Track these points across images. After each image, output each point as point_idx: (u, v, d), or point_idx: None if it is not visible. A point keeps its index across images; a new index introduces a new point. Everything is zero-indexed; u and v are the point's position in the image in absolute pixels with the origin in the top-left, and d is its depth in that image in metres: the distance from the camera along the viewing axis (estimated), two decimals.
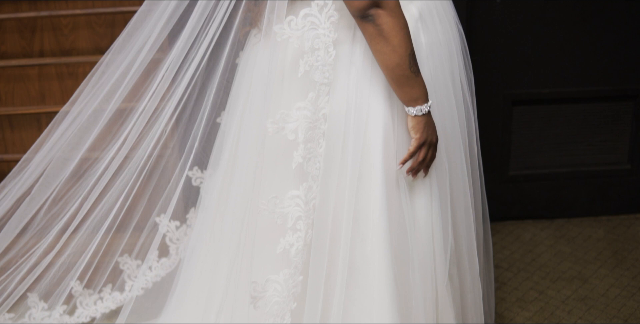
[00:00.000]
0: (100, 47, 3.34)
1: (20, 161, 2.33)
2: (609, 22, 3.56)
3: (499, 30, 3.54)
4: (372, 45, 2.06)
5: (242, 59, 2.30)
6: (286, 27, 2.04)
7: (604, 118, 3.73)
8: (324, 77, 2.07)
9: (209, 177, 2.41)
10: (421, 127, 2.16)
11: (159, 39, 2.20)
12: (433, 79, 2.28)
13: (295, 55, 2.09)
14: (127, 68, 2.22)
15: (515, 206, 3.82)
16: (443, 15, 2.34)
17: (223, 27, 2.14)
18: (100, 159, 2.30)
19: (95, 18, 3.31)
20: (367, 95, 2.15)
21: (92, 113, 2.25)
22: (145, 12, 2.23)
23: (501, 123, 3.67)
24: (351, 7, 2.01)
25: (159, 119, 2.24)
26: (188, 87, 2.19)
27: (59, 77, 3.38)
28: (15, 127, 3.44)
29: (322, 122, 2.13)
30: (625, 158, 3.81)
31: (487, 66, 3.52)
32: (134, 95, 2.23)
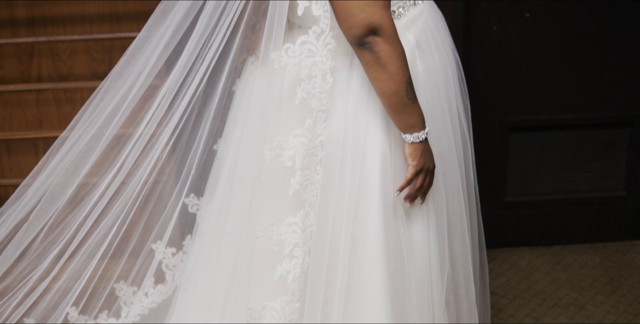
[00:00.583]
0: (98, 73, 3.35)
1: (20, 186, 2.33)
2: (604, 49, 3.58)
3: (495, 57, 3.56)
4: (369, 73, 2.07)
5: (240, 86, 2.30)
6: (283, 54, 2.04)
7: (600, 145, 3.74)
8: (321, 104, 2.07)
9: (206, 204, 2.41)
10: (418, 154, 2.16)
11: (157, 65, 2.20)
12: (430, 106, 2.29)
13: (293, 83, 2.09)
14: (125, 94, 2.22)
15: (511, 232, 3.82)
16: (439, 42, 2.35)
17: (220, 55, 2.14)
18: (98, 184, 2.30)
19: (93, 44, 3.33)
20: (364, 122, 2.15)
21: (91, 139, 2.25)
22: (144, 39, 2.23)
23: (497, 150, 3.67)
24: (348, 35, 2.02)
25: (155, 145, 2.24)
26: (184, 114, 2.19)
27: (57, 103, 3.39)
28: (13, 152, 3.45)
29: (319, 149, 2.13)
30: (621, 185, 3.81)
31: (483, 93, 3.53)
32: (132, 121, 2.24)
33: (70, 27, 3.33)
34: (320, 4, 2.01)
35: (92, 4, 3.30)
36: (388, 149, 2.18)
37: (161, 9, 2.21)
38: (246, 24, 2.13)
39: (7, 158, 3.46)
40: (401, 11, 2.27)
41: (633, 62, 3.61)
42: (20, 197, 2.33)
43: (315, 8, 2.01)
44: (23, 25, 3.34)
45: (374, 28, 1.99)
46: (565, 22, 3.52)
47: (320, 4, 2.01)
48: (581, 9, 3.51)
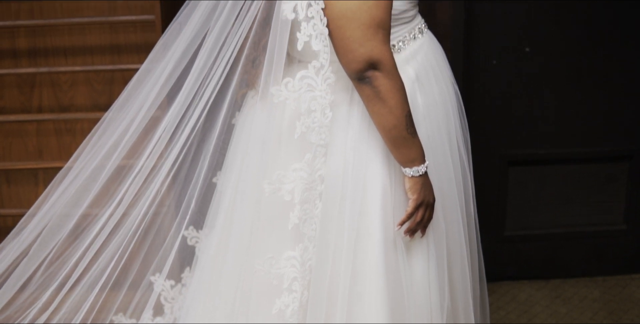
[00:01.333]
0: (98, 104, 3.36)
1: (24, 216, 2.33)
2: (603, 84, 3.59)
3: (495, 91, 3.57)
4: (369, 107, 2.08)
5: (240, 120, 2.31)
6: (283, 89, 2.05)
7: (599, 179, 3.74)
8: (320, 139, 2.08)
9: (205, 236, 2.40)
10: (418, 187, 2.17)
11: (159, 98, 2.21)
12: (430, 139, 2.29)
13: (293, 117, 2.09)
14: (128, 126, 2.22)
15: (511, 266, 3.81)
16: (439, 75, 2.36)
17: (220, 89, 2.14)
18: (99, 216, 2.30)
19: (94, 75, 3.34)
20: (365, 156, 2.16)
21: (93, 170, 2.26)
22: (146, 71, 2.25)
23: (497, 183, 3.68)
24: (348, 69, 2.03)
25: (156, 177, 2.24)
26: (184, 147, 2.19)
27: (57, 133, 3.40)
28: (12, 183, 3.45)
29: (318, 183, 2.13)
30: (620, 218, 3.81)
31: (483, 126, 3.54)
32: (133, 152, 2.24)
33: (72, 58, 3.35)
34: (320, 39, 2.01)
35: (93, 36, 3.32)
36: (389, 183, 2.18)
37: (162, 43, 2.22)
38: (246, 58, 2.14)
39: (6, 188, 3.46)
40: (401, 45, 2.29)
41: (632, 97, 3.62)
42: (23, 227, 2.33)
43: (315, 43, 2.01)
44: (25, 55, 3.35)
45: (373, 63, 2.00)
46: (565, 57, 3.54)
47: (320, 39, 2.01)
48: (580, 43, 3.53)
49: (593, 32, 3.52)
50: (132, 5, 3.28)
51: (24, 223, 2.33)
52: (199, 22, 2.16)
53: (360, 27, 1.98)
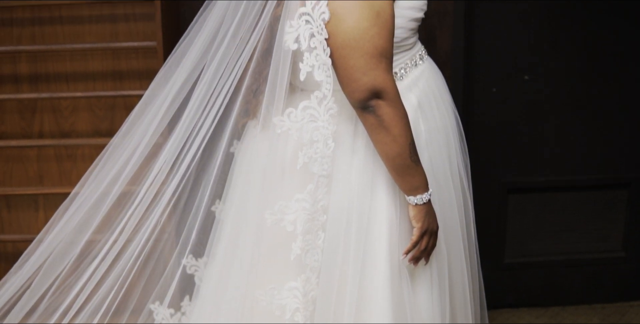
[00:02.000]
0: (100, 130, 3.36)
1: (33, 242, 2.32)
2: (603, 112, 3.60)
3: (495, 119, 3.58)
4: (372, 135, 2.08)
5: (241, 150, 2.31)
6: (286, 119, 2.05)
7: (598, 206, 3.75)
8: (322, 169, 2.08)
9: (204, 265, 2.40)
10: (422, 215, 2.17)
11: (161, 125, 2.21)
12: (432, 165, 2.31)
13: (295, 147, 2.09)
14: (132, 152, 2.23)
15: (511, 294, 3.81)
16: (440, 101, 2.38)
17: (220, 118, 2.14)
18: (101, 243, 2.29)
19: (95, 101, 3.35)
20: (369, 186, 2.16)
21: (99, 196, 2.26)
22: (150, 98, 2.25)
23: (496, 211, 3.68)
24: (352, 99, 2.04)
25: (157, 205, 2.24)
26: (185, 176, 2.19)
27: (58, 159, 3.40)
28: (13, 208, 3.45)
29: (320, 214, 2.13)
30: (619, 246, 3.81)
31: (482, 154, 3.55)
32: (137, 179, 2.24)
33: (73, 83, 3.35)
34: (323, 69, 2.02)
35: (95, 62, 3.33)
36: (394, 213, 2.19)
37: (164, 72, 2.23)
38: (247, 88, 2.15)
39: (7, 213, 3.46)
40: (403, 73, 2.30)
41: (630, 125, 3.63)
42: (30, 254, 2.32)
43: (318, 73, 2.02)
44: (26, 81, 3.36)
45: (377, 92, 2.01)
46: (564, 85, 3.55)
47: (323, 69, 2.02)
48: (580, 71, 3.54)
49: (592, 60, 3.54)
50: (133, 31, 3.29)
51: (31, 250, 2.32)
52: (200, 51, 2.17)
53: (364, 56, 1.99)
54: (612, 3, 3.47)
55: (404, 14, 2.20)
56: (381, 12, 2.00)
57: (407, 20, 2.22)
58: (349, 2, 1.98)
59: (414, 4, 2.22)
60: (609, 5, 3.48)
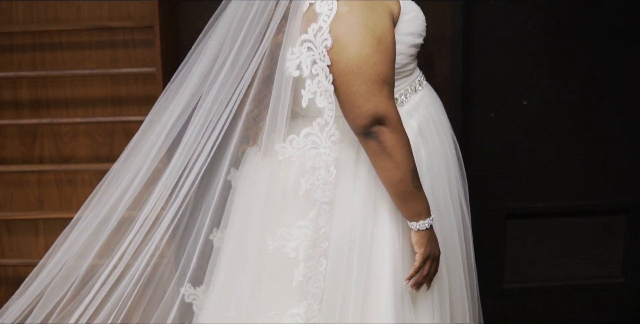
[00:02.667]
0: (99, 156, 3.37)
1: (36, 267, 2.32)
2: (601, 137, 3.60)
3: (493, 144, 3.58)
4: (375, 162, 2.09)
5: (241, 177, 2.32)
6: (288, 146, 2.06)
7: (598, 232, 3.74)
8: (324, 196, 2.09)
9: (203, 294, 2.39)
10: (425, 241, 2.18)
11: (161, 151, 2.22)
12: (433, 190, 2.31)
13: (297, 174, 2.11)
14: (133, 177, 2.23)
15: (510, 319, 3.79)
16: (439, 126, 2.38)
17: (220, 144, 2.15)
18: (102, 267, 2.29)
19: (95, 127, 3.36)
20: (371, 213, 2.17)
21: (101, 221, 2.26)
22: (150, 123, 2.26)
23: (495, 237, 3.67)
24: (354, 125, 2.05)
25: (157, 230, 2.24)
26: (184, 201, 2.19)
27: (58, 184, 3.40)
28: (13, 233, 3.45)
29: (322, 240, 2.13)
30: (619, 271, 3.81)
31: (480, 179, 3.55)
32: (137, 204, 2.25)
33: (73, 109, 3.36)
34: (325, 96, 2.03)
35: (95, 87, 3.34)
36: (397, 239, 2.19)
37: (164, 99, 2.24)
38: (247, 114, 2.15)
39: (7, 238, 3.46)
40: (403, 99, 2.30)
41: (630, 150, 3.63)
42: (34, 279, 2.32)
43: (320, 100, 2.03)
44: (26, 106, 3.37)
45: (379, 118, 2.02)
46: (562, 110, 3.56)
47: (325, 96, 2.03)
48: (578, 97, 3.55)
49: (591, 85, 3.54)
50: (133, 57, 3.31)
51: (34, 275, 2.32)
52: (199, 77, 2.18)
53: (366, 82, 2.00)
54: (610, 28, 3.48)
55: (404, 40, 2.21)
56: (383, 38, 2.02)
57: (407, 46, 2.23)
58: (351, 29, 1.99)
59: (414, 29, 2.24)
60: (607, 31, 3.49)
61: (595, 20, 3.47)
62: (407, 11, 2.21)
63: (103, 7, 3.29)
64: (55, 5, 3.27)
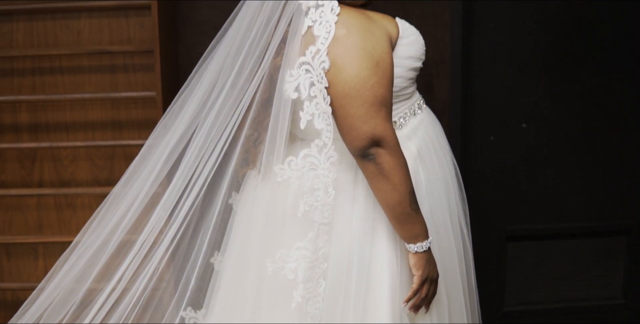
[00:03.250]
0: (99, 179, 3.37)
1: (35, 290, 2.32)
2: (601, 160, 3.61)
3: (493, 167, 3.58)
4: (372, 184, 2.09)
5: (241, 200, 2.32)
6: (286, 167, 2.07)
7: (598, 253, 3.74)
8: (323, 217, 2.09)
9: (202, 317, 2.39)
10: (422, 263, 2.17)
11: (161, 175, 2.22)
12: (432, 214, 2.31)
13: (296, 196, 2.11)
14: (132, 201, 2.24)
15: None
16: (439, 150, 2.38)
17: (218, 166, 2.16)
18: (101, 291, 2.29)
19: (95, 150, 3.36)
20: (370, 235, 2.17)
21: (100, 245, 2.26)
22: (150, 147, 2.26)
23: (495, 259, 3.67)
24: (352, 147, 2.06)
25: (155, 253, 2.24)
26: (183, 224, 2.18)
27: (57, 208, 3.41)
28: (12, 256, 3.45)
29: (321, 261, 2.13)
30: (619, 293, 3.80)
31: (481, 202, 3.55)
32: (136, 228, 2.25)
33: (73, 133, 3.37)
34: (323, 118, 2.04)
35: (95, 111, 3.35)
36: (395, 261, 2.19)
37: (163, 123, 2.25)
38: (247, 137, 2.16)
39: (6, 262, 3.46)
40: (402, 122, 2.31)
41: (629, 172, 3.64)
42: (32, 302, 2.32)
43: (318, 122, 2.04)
44: (26, 130, 3.38)
45: (377, 140, 2.02)
46: (561, 133, 3.56)
47: (323, 118, 2.04)
48: (577, 119, 3.56)
49: (590, 107, 3.56)
50: (133, 81, 3.32)
51: (32, 298, 2.32)
52: (199, 101, 2.19)
53: (364, 105, 2.01)
54: (609, 50, 3.50)
55: (403, 64, 2.22)
56: (380, 61, 2.03)
57: (406, 70, 2.24)
58: (348, 51, 2.00)
59: (413, 53, 2.24)
60: (606, 53, 3.50)
61: (594, 42, 3.49)
62: (406, 35, 2.22)
63: (103, 32, 3.30)
64: (56, 30, 3.29)
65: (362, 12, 2.11)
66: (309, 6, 2.06)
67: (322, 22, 2.03)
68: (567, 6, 3.45)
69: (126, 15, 3.29)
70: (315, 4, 2.05)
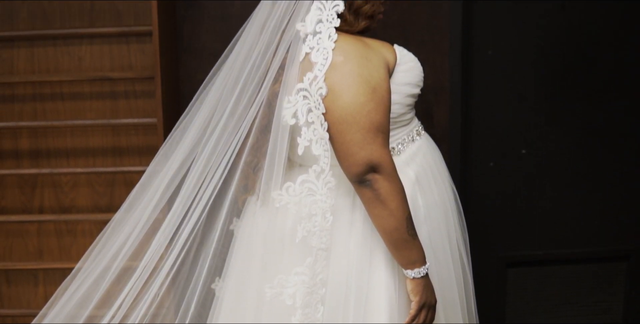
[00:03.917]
0: (99, 206, 3.37)
1: (36, 317, 2.32)
2: (600, 185, 3.61)
3: (493, 193, 3.59)
4: (369, 210, 2.10)
5: (242, 226, 2.32)
6: (284, 193, 2.07)
7: (598, 279, 3.74)
8: (321, 243, 2.09)
9: None
10: (420, 289, 2.17)
11: (162, 201, 2.23)
12: (431, 240, 2.31)
13: (294, 221, 2.11)
14: (133, 228, 2.24)
15: None
16: (438, 176, 2.39)
17: (218, 193, 2.16)
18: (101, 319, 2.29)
19: (95, 177, 3.36)
20: (367, 260, 2.17)
21: (101, 271, 2.26)
22: (151, 174, 2.27)
23: (496, 285, 3.67)
24: (349, 173, 2.06)
25: (156, 279, 2.24)
26: (182, 250, 2.18)
27: (58, 234, 3.41)
28: (12, 283, 3.45)
29: (319, 287, 2.13)
30: (619, 318, 3.79)
31: (480, 228, 3.55)
32: (137, 255, 2.25)
33: (74, 159, 3.38)
34: (320, 144, 2.05)
35: (95, 138, 3.36)
36: (393, 286, 2.19)
37: (164, 150, 2.26)
38: (247, 164, 2.17)
39: (6, 288, 3.46)
40: (400, 148, 2.31)
41: (628, 198, 3.64)
42: None
43: (315, 148, 2.05)
44: (26, 156, 3.39)
45: (373, 166, 2.03)
46: (561, 159, 3.57)
47: (320, 144, 2.05)
48: (576, 145, 3.56)
49: (589, 133, 3.56)
50: (134, 108, 3.33)
51: None
52: (199, 128, 2.21)
53: (360, 131, 2.02)
54: (609, 78, 3.51)
55: (401, 90, 2.23)
56: (377, 87, 2.04)
57: (404, 96, 2.25)
58: (345, 78, 2.02)
59: (410, 80, 2.25)
60: (606, 81, 3.52)
61: (593, 70, 3.50)
62: (403, 61, 2.23)
63: (104, 58, 3.32)
64: (57, 56, 3.31)
65: (359, 39, 2.13)
66: (306, 33, 2.07)
67: (319, 49, 2.05)
68: (566, 35, 3.47)
69: (127, 42, 3.31)
70: (313, 31, 2.07)
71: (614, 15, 3.48)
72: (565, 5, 3.45)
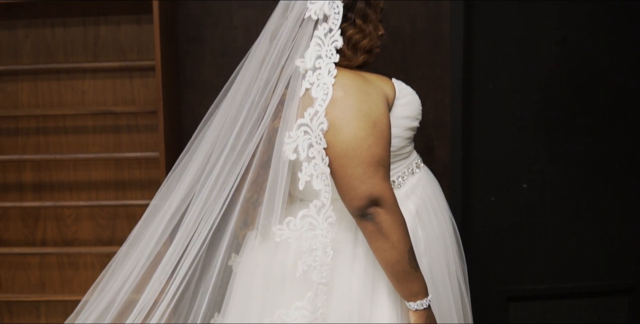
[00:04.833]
0: (102, 239, 3.38)
1: None
2: (601, 219, 3.61)
3: (494, 228, 3.59)
4: (371, 243, 2.10)
5: (242, 261, 2.32)
6: (285, 228, 2.08)
7: (599, 313, 3.72)
8: (321, 277, 2.09)
9: None
10: (422, 321, 2.17)
11: (164, 235, 2.24)
12: (432, 272, 2.32)
13: (295, 256, 2.12)
14: (136, 262, 2.25)
15: None
16: (437, 208, 2.40)
17: (217, 228, 2.17)
18: None
19: (98, 210, 3.37)
20: (369, 294, 2.17)
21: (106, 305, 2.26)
22: (154, 208, 2.28)
23: (497, 319, 3.65)
24: (350, 206, 2.07)
25: (155, 313, 2.24)
26: (181, 284, 2.18)
27: (60, 267, 3.41)
28: (14, 314, 3.45)
29: (320, 321, 2.13)
30: None
31: (482, 263, 3.54)
32: (140, 288, 2.25)
33: (76, 192, 3.39)
34: (321, 179, 2.06)
35: (98, 171, 3.37)
36: (396, 319, 2.19)
37: (167, 185, 2.28)
38: (247, 199, 2.18)
39: (8, 319, 3.45)
40: (400, 181, 2.32)
41: (630, 232, 3.64)
42: None
43: (316, 182, 2.06)
44: (30, 189, 3.40)
45: (375, 199, 2.04)
46: (562, 192, 3.57)
47: (321, 179, 2.06)
48: (577, 179, 3.57)
49: (589, 166, 3.57)
50: (136, 142, 3.34)
51: None
52: (200, 164, 2.22)
53: (361, 165, 2.03)
54: (609, 110, 3.53)
55: (400, 124, 2.24)
56: (377, 122, 2.05)
57: (403, 130, 2.27)
58: (346, 112, 2.03)
59: (409, 113, 2.27)
60: (606, 114, 3.53)
61: (594, 103, 3.52)
62: (402, 95, 2.25)
63: (107, 92, 3.34)
64: (60, 90, 3.33)
65: (359, 74, 2.15)
66: (306, 69, 2.09)
67: (319, 85, 2.07)
68: (567, 68, 3.48)
69: (130, 76, 3.33)
70: (312, 67, 2.09)
71: (615, 48, 3.50)
72: (566, 38, 3.47)
